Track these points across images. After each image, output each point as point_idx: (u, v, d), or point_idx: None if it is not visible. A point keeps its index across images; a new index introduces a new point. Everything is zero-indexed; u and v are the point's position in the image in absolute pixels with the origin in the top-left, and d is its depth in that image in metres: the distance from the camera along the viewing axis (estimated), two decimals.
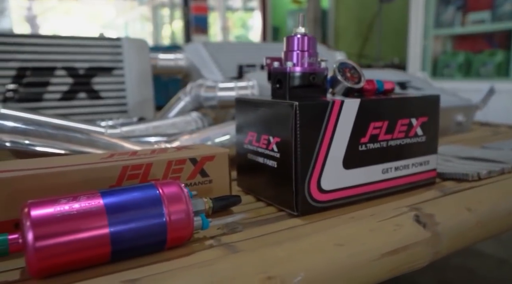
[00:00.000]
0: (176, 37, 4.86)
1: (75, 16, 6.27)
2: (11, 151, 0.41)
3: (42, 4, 6.03)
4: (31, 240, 0.24)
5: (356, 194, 0.40)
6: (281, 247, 0.28)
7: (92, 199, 0.27)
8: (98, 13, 6.29)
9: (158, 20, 5.93)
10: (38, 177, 0.30)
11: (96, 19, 6.40)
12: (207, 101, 0.74)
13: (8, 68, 0.71)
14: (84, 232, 0.26)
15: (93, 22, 6.44)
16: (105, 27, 5.90)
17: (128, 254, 0.28)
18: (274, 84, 0.43)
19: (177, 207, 0.29)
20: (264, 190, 0.41)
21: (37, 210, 0.25)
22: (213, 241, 0.31)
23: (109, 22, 6.54)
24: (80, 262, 0.26)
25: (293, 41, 0.42)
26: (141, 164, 0.34)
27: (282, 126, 0.37)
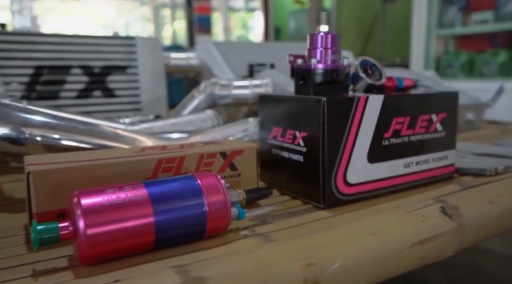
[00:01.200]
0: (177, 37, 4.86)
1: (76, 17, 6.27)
2: (43, 145, 0.42)
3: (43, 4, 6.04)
4: (83, 227, 0.25)
5: (379, 188, 0.41)
6: (317, 236, 0.29)
7: (136, 189, 0.28)
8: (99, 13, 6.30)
9: (159, 21, 5.93)
10: (79, 169, 0.31)
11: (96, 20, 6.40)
12: (222, 99, 0.75)
13: (26, 66, 0.72)
14: (130, 221, 0.27)
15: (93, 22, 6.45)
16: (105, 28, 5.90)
17: (170, 243, 0.29)
18: (298, 81, 0.44)
19: (216, 197, 0.30)
20: (289, 184, 0.42)
21: (87, 199, 0.26)
22: (247, 231, 0.32)
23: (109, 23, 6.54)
24: (126, 250, 0.27)
25: (316, 39, 0.43)
26: (175, 157, 0.35)
27: (309, 121, 0.38)
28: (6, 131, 0.41)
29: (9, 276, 0.25)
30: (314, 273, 0.26)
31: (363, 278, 0.28)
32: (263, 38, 4.29)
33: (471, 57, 2.37)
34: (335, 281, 0.27)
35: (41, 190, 0.30)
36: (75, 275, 0.26)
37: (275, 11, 4.58)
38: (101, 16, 6.44)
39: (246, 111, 0.85)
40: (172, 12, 5.26)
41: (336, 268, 0.27)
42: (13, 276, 0.26)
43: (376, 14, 3.51)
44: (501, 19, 2.18)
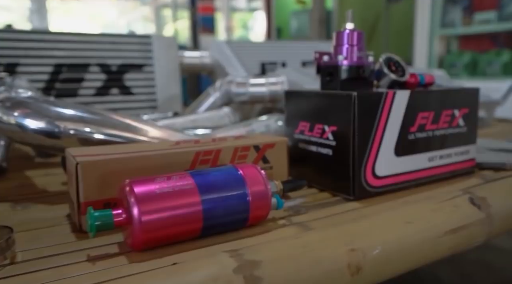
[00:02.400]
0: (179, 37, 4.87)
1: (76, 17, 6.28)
2: (78, 139, 0.43)
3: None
4: (137, 214, 0.26)
5: (405, 181, 0.42)
6: (357, 224, 0.30)
7: (184, 178, 0.29)
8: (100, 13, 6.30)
9: (160, 20, 5.94)
10: (125, 160, 0.32)
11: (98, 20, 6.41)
12: (238, 97, 0.76)
13: (45, 64, 0.73)
14: (180, 208, 0.28)
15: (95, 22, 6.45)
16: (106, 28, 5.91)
17: (215, 230, 0.30)
18: (324, 77, 0.45)
19: (258, 187, 0.31)
20: (316, 177, 0.43)
21: (139, 188, 0.27)
22: (285, 221, 0.34)
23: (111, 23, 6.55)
24: (175, 237, 0.28)
25: (343, 36, 0.44)
26: (211, 150, 0.36)
27: (339, 116, 0.39)
28: (42, 125, 0.42)
29: (67, 261, 0.27)
30: (357, 259, 0.27)
31: (402, 264, 0.30)
32: (265, 38, 4.30)
33: (474, 56, 2.39)
34: (376, 266, 0.28)
35: (89, 180, 0.31)
36: (129, 260, 0.27)
37: (277, 11, 4.59)
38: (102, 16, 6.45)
39: (259, 109, 0.87)
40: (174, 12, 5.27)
41: (377, 253, 0.28)
42: (70, 260, 0.27)
43: (378, 14, 3.52)
44: (504, 19, 2.20)
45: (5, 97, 0.45)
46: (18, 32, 0.72)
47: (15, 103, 0.43)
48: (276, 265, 0.25)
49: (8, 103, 0.44)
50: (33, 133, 0.42)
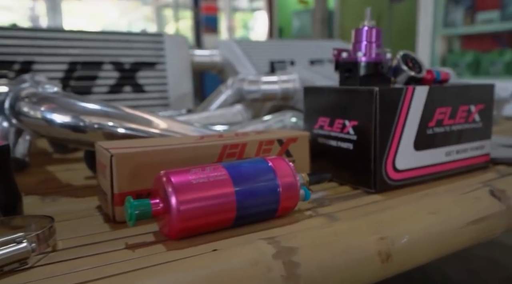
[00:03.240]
0: None
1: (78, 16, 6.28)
2: (103, 133, 0.44)
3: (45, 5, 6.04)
4: (175, 203, 0.27)
5: (424, 174, 0.43)
6: (384, 214, 0.31)
7: (217, 170, 0.30)
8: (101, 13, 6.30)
9: (162, 20, 5.95)
10: (156, 153, 0.33)
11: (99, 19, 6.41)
12: (250, 94, 0.77)
13: (60, 62, 0.74)
14: (216, 198, 0.29)
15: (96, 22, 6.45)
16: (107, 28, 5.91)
17: (246, 220, 0.31)
18: (343, 73, 0.46)
19: (287, 179, 0.32)
20: (336, 171, 0.44)
21: (177, 178, 0.28)
22: (311, 212, 0.34)
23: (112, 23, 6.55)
24: (210, 226, 0.29)
25: (362, 33, 0.45)
26: (238, 143, 0.37)
27: (361, 110, 0.40)
28: (68, 119, 0.42)
29: (106, 249, 0.28)
30: (386, 246, 0.28)
31: (427, 253, 0.30)
32: (267, 37, 4.31)
33: (477, 56, 2.40)
34: (404, 254, 0.29)
35: (123, 172, 0.32)
36: (167, 248, 0.28)
37: (278, 11, 4.60)
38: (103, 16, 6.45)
39: (269, 106, 0.88)
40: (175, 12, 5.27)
41: (404, 242, 0.29)
42: (110, 248, 0.28)
43: (379, 14, 3.53)
44: (507, 18, 2.21)
45: (31, 93, 0.46)
46: (34, 30, 0.73)
47: (41, 99, 0.44)
48: (311, 251, 0.26)
49: (34, 98, 0.45)
50: (60, 127, 0.43)
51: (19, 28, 0.72)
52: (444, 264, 0.99)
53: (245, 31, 5.64)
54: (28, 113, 0.44)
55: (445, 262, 1.00)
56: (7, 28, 0.71)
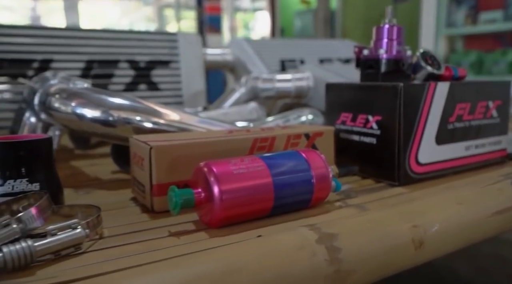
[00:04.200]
0: None
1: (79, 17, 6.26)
2: (132, 127, 0.45)
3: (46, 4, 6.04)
4: (218, 193, 0.28)
5: (445, 168, 0.44)
6: (415, 204, 0.32)
7: (255, 161, 0.31)
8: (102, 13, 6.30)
9: (163, 21, 5.95)
10: (192, 146, 0.35)
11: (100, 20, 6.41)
12: (264, 92, 0.78)
13: (78, 61, 0.75)
14: (255, 188, 0.30)
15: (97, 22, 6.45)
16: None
17: (282, 210, 0.32)
18: (364, 70, 0.47)
19: (321, 170, 0.33)
20: (358, 165, 0.45)
21: (218, 168, 0.29)
22: (341, 203, 0.36)
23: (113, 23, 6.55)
24: (249, 214, 0.30)
25: (383, 31, 0.46)
26: (267, 137, 0.38)
27: (385, 106, 0.41)
28: (97, 114, 0.44)
29: (151, 236, 0.29)
30: (419, 234, 0.29)
31: (456, 241, 0.32)
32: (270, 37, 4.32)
33: (479, 56, 2.41)
34: (436, 242, 0.30)
35: (161, 164, 0.33)
36: (209, 235, 0.29)
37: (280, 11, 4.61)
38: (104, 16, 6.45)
39: (281, 104, 0.89)
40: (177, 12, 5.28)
41: (435, 230, 0.30)
42: (154, 236, 0.29)
43: (382, 14, 3.54)
44: (510, 18, 2.22)
45: (60, 89, 0.47)
46: (52, 29, 0.75)
47: (71, 94, 0.45)
48: (350, 238, 0.27)
49: (64, 94, 0.46)
50: (90, 121, 0.44)
51: (38, 27, 0.73)
52: (453, 261, 1.01)
53: (246, 31, 5.64)
54: (59, 108, 0.45)
55: (453, 258, 1.02)
56: (26, 27, 0.72)
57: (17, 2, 4.61)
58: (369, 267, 0.27)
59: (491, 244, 1.08)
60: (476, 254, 1.05)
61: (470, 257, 1.03)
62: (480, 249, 1.06)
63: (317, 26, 3.48)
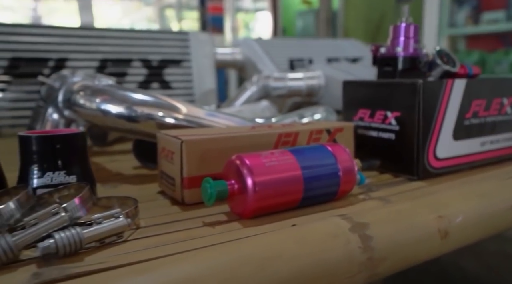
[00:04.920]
0: None
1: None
2: (156, 123, 0.46)
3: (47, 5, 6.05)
4: (251, 184, 0.30)
5: (461, 163, 0.45)
6: (438, 196, 0.34)
7: (285, 154, 0.32)
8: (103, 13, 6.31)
9: (164, 21, 5.95)
10: (221, 140, 0.36)
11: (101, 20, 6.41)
12: (276, 91, 0.79)
13: (92, 59, 0.76)
14: (286, 180, 0.31)
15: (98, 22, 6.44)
16: None
17: (310, 201, 0.33)
18: (381, 67, 0.48)
19: (346, 164, 0.34)
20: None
21: (251, 161, 0.30)
22: (364, 195, 0.37)
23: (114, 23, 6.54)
24: (279, 206, 0.32)
25: (400, 29, 0.47)
26: (291, 132, 0.39)
27: (404, 102, 0.42)
28: (122, 110, 0.45)
29: (187, 226, 0.30)
30: (444, 224, 0.30)
31: (479, 231, 0.33)
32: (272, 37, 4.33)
33: (482, 56, 2.42)
34: (460, 232, 0.31)
35: (191, 157, 0.34)
36: (243, 225, 0.30)
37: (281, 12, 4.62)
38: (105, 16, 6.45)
39: (290, 103, 0.90)
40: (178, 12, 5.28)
41: (459, 221, 0.31)
42: (190, 226, 0.30)
43: (383, 14, 3.55)
44: None
45: (83, 86, 0.48)
46: (68, 28, 0.76)
47: (95, 91, 0.46)
48: (381, 227, 0.28)
49: (88, 91, 0.47)
50: (115, 117, 0.45)
51: (54, 27, 0.74)
52: (459, 258, 1.02)
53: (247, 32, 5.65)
54: (84, 104, 0.46)
55: (460, 256, 1.03)
56: (42, 26, 0.73)
57: (18, 2, 4.61)
58: (398, 255, 0.28)
59: (497, 242, 1.09)
60: (482, 251, 1.06)
61: (477, 255, 1.04)
62: (486, 246, 1.07)
63: (319, 26, 3.49)
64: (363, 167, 0.37)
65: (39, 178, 0.31)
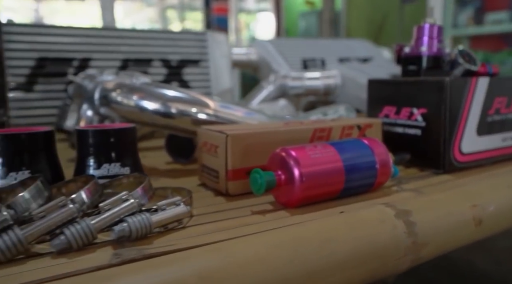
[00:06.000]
0: None
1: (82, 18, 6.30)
2: (191, 119, 0.48)
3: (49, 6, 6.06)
4: (298, 175, 0.31)
5: (484, 158, 0.47)
6: (470, 186, 0.35)
7: (326, 147, 0.34)
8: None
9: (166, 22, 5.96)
10: (263, 135, 0.37)
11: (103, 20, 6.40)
12: (293, 90, 0.81)
13: (114, 59, 0.78)
14: (329, 171, 0.33)
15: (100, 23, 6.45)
16: None
17: (349, 192, 0.35)
18: (406, 66, 0.50)
19: (383, 157, 0.36)
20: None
21: (297, 153, 0.32)
22: (396, 187, 0.39)
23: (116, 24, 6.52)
24: (322, 195, 0.33)
25: (424, 29, 0.49)
26: (325, 128, 0.41)
27: (430, 99, 0.44)
28: (157, 106, 0.47)
29: (237, 214, 0.32)
30: (479, 213, 0.32)
31: (510, 219, 0.35)
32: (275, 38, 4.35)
33: (486, 56, 2.44)
34: (492, 220, 0.33)
35: (236, 151, 0.36)
36: (290, 213, 0.32)
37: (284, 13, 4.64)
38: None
39: (305, 103, 0.92)
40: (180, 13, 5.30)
41: (492, 210, 0.33)
42: (240, 214, 0.32)
43: (385, 15, 3.58)
44: None
45: (118, 84, 0.50)
46: (91, 29, 0.78)
47: (131, 89, 0.48)
48: (422, 214, 0.30)
49: (125, 88, 0.49)
50: (152, 114, 0.47)
51: (78, 27, 0.76)
52: (470, 254, 1.04)
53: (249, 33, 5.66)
54: (121, 102, 0.48)
55: (471, 252, 1.05)
56: (67, 27, 0.75)
57: (19, 2, 4.63)
58: (438, 241, 0.30)
59: (507, 238, 1.11)
60: (493, 247, 1.08)
61: (487, 251, 1.06)
62: (496, 243, 1.09)
63: (323, 27, 3.51)
64: (395, 161, 0.39)
65: (96, 169, 0.33)
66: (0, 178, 0.30)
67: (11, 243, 0.22)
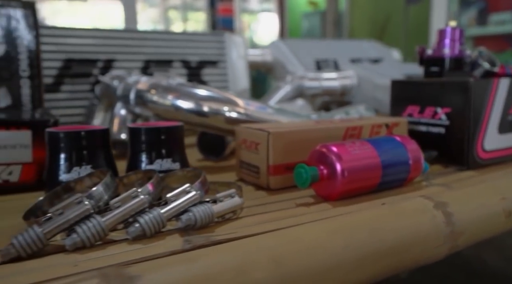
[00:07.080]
0: None
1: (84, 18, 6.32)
2: (224, 118, 0.50)
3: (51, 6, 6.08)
4: (340, 169, 0.34)
5: (505, 155, 0.49)
6: (497, 181, 0.38)
7: (364, 144, 0.36)
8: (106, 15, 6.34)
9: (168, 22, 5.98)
10: (301, 132, 0.40)
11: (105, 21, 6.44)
12: (310, 90, 0.84)
13: (137, 60, 0.81)
14: (368, 166, 0.35)
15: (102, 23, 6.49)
16: None
17: (385, 186, 0.37)
18: (428, 67, 0.53)
19: (415, 153, 0.38)
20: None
21: (338, 149, 0.35)
22: (425, 182, 0.41)
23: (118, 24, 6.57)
24: (361, 189, 0.36)
25: (446, 32, 0.52)
26: (356, 126, 0.44)
27: (454, 99, 0.46)
28: (192, 105, 0.49)
29: (284, 207, 0.34)
30: (508, 205, 0.35)
31: None
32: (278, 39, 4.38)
33: None
34: None
35: (277, 147, 0.38)
36: (332, 206, 0.34)
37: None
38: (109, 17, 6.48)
39: (320, 102, 0.94)
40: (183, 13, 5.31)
41: None
42: (285, 206, 0.34)
43: (388, 15, 3.60)
44: None
45: (152, 84, 0.52)
46: (114, 31, 0.80)
47: (166, 88, 0.50)
48: (457, 205, 0.32)
49: (160, 89, 0.51)
50: (186, 112, 0.49)
51: (102, 29, 0.78)
52: (482, 252, 1.06)
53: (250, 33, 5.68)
54: (157, 101, 0.50)
55: (482, 249, 1.07)
56: (92, 29, 0.77)
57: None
58: (472, 230, 0.32)
59: None
60: (504, 245, 1.10)
61: (498, 249, 1.08)
62: (507, 241, 1.11)
63: (327, 28, 3.54)
64: (425, 157, 0.42)
65: (149, 164, 0.35)
66: (65, 172, 0.32)
67: (95, 230, 0.25)
